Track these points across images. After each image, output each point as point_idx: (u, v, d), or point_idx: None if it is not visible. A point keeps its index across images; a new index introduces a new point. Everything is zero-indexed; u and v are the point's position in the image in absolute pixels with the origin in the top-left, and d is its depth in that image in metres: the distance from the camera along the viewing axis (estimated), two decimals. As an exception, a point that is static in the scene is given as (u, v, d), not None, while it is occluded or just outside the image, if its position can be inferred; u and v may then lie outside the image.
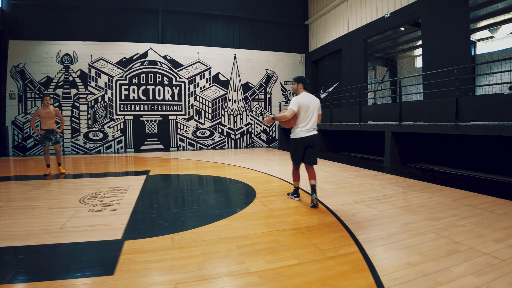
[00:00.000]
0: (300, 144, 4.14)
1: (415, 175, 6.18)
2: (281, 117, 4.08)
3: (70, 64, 12.67)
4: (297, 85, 4.23)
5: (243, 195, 4.78)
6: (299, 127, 4.11)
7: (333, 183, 5.53)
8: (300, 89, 4.22)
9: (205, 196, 4.81)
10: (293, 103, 4.06)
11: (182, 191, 5.30)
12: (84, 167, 8.46)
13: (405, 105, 7.22)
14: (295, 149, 4.20)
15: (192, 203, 4.39)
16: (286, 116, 4.02)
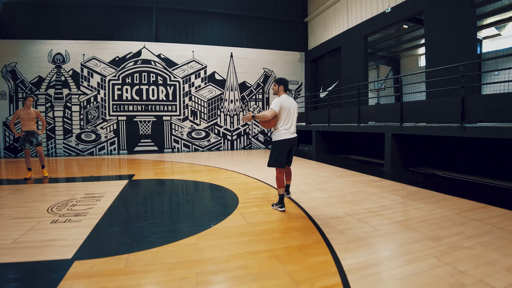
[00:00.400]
0: (286, 146, 4.08)
1: (416, 182, 5.67)
2: (261, 116, 3.98)
3: (62, 64, 12.32)
4: (278, 87, 4.21)
5: (224, 205, 4.31)
6: (283, 129, 4.06)
7: (326, 190, 5.05)
8: (281, 91, 4.21)
9: (181, 206, 4.36)
10: (275, 103, 4.01)
11: (159, 199, 4.85)
12: (69, 170, 8.06)
13: (407, 105, 6.71)
14: (281, 152, 4.05)
15: (164, 215, 3.94)
16: (266, 116, 3.96)
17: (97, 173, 7.47)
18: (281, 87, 4.20)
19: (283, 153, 4.05)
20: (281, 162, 4.03)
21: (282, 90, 4.20)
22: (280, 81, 4.22)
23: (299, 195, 4.77)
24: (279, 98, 4.07)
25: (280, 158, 4.03)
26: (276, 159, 4.04)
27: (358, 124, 8.10)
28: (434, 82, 7.20)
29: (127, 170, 7.78)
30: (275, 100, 4.05)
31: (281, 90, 4.20)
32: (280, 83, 4.21)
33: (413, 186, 5.22)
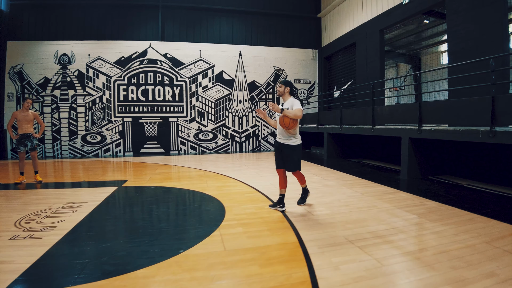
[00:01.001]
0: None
1: (436, 194, 4.90)
2: (293, 115, 3.84)
3: (68, 65, 12.13)
4: (284, 88, 4.15)
5: (205, 223, 3.72)
6: (298, 133, 4.15)
7: (329, 205, 4.37)
8: (287, 93, 4.15)
9: (157, 223, 3.80)
10: (299, 104, 3.97)
11: (137, 212, 4.32)
12: (64, 174, 7.72)
13: (426, 105, 5.91)
14: (300, 153, 4.20)
15: (134, 234, 3.38)
16: (298, 115, 3.85)
17: (90, 178, 7.08)
18: (287, 89, 4.14)
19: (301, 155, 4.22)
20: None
21: (288, 92, 4.15)
22: (288, 83, 4.17)
23: (296, 210, 4.13)
24: (298, 101, 4.05)
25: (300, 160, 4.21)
26: (299, 161, 4.15)
27: (372, 127, 7.34)
28: (457, 79, 6.38)
29: (121, 175, 7.34)
30: (297, 101, 4.02)
31: (287, 92, 4.14)
32: (287, 84, 4.16)
33: (432, 201, 4.47)
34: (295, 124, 3.95)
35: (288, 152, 4.05)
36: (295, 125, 3.97)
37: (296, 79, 13.71)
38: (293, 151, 4.04)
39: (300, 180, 4.34)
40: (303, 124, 11.77)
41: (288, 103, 4.05)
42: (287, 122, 3.90)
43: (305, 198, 4.46)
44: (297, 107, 3.90)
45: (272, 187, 5.58)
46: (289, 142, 4.04)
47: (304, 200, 4.45)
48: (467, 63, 5.46)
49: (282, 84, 4.16)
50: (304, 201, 4.44)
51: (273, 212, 4.03)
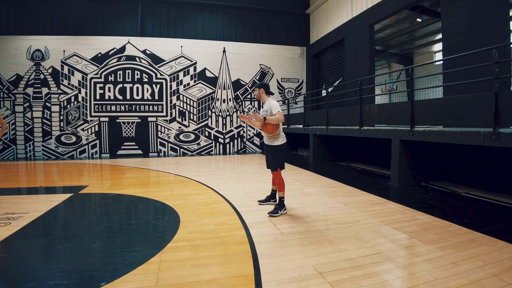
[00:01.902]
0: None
1: (431, 205, 4.26)
2: (275, 119, 3.80)
3: (41, 61, 11.35)
4: (259, 91, 4.14)
5: (148, 244, 3.01)
6: (282, 131, 4.11)
7: (304, 220, 3.70)
8: (262, 93, 4.13)
9: (91, 242, 3.08)
10: (277, 106, 3.93)
11: (76, 227, 3.59)
12: (25, 178, 6.98)
13: (419, 104, 5.27)
14: (284, 153, 4.12)
15: (55, 258, 2.66)
16: (280, 119, 3.81)
17: (49, 183, 6.37)
18: (262, 91, 4.11)
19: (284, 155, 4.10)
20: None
21: (264, 93, 4.11)
22: (260, 84, 4.14)
23: (263, 226, 3.45)
24: (274, 101, 4.02)
25: (284, 160, 4.09)
26: (283, 161, 4.04)
27: (360, 128, 6.70)
28: (453, 75, 5.78)
29: (85, 180, 6.60)
30: (274, 102, 3.98)
31: (262, 93, 4.11)
32: (261, 86, 4.13)
33: (426, 214, 3.81)
34: (277, 127, 3.91)
35: (271, 152, 4.04)
36: (277, 128, 3.92)
37: (283, 78, 13.05)
38: (275, 151, 4.01)
39: (278, 186, 4.00)
40: (289, 125, 11.10)
41: (266, 104, 4.02)
42: (270, 129, 3.86)
43: (278, 210, 3.88)
44: (276, 110, 3.84)
45: (245, 196, 4.90)
46: (272, 143, 4.02)
47: (276, 212, 3.87)
48: (465, 55, 4.83)
49: (256, 88, 4.17)
50: (277, 214, 3.84)
51: (235, 229, 3.35)
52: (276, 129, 3.89)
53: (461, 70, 5.24)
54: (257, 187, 5.51)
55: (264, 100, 4.11)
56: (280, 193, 3.98)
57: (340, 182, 5.96)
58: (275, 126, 3.85)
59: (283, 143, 4.01)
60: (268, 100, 4.06)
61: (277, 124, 3.86)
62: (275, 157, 3.99)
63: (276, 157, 3.98)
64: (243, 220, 3.65)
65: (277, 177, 3.98)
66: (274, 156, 3.99)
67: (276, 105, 3.92)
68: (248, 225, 3.47)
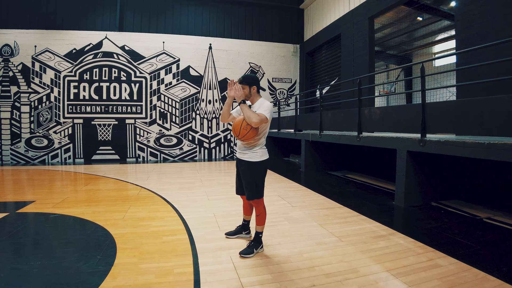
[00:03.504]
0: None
1: (451, 239, 3.27)
2: (247, 116, 2.64)
3: (10, 57, 10.32)
4: (250, 89, 2.84)
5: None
6: (264, 144, 2.92)
7: (281, 269, 2.69)
8: (254, 92, 2.87)
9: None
10: (267, 108, 2.73)
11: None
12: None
13: (432, 107, 4.29)
14: (265, 175, 2.93)
15: None
16: (253, 121, 2.62)
17: None
18: (254, 89, 2.84)
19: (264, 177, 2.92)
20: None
21: (256, 91, 2.87)
22: (250, 78, 2.84)
23: (222, 279, 2.44)
24: (269, 103, 2.78)
25: (264, 182, 2.93)
26: (262, 187, 2.88)
27: (358, 135, 5.72)
28: (470, 72, 4.82)
29: (34, 194, 5.56)
30: (267, 104, 2.77)
31: (254, 91, 2.85)
32: (253, 83, 2.83)
33: (448, 257, 2.82)
34: (252, 134, 2.72)
35: (244, 172, 2.84)
36: (255, 134, 2.75)
37: (274, 78, 12.07)
38: (249, 169, 2.81)
39: (257, 217, 2.94)
40: (280, 129, 10.11)
41: (256, 106, 2.83)
42: (237, 128, 2.72)
43: (253, 249, 2.88)
44: (263, 110, 2.69)
45: (213, 221, 3.89)
46: (246, 156, 2.83)
47: (251, 251, 2.87)
48: (487, 46, 3.83)
49: (244, 85, 2.81)
50: (251, 254, 2.84)
51: (181, 284, 2.34)
52: (254, 135, 2.73)
53: (478, 69, 4.29)
54: (232, 208, 4.50)
55: (254, 100, 2.87)
56: (258, 227, 2.94)
57: (334, 200, 4.95)
58: (252, 131, 2.68)
59: (263, 159, 2.83)
60: (260, 101, 2.83)
61: (253, 130, 2.69)
62: (250, 179, 2.80)
63: (251, 180, 2.80)
64: (198, 266, 2.64)
65: (259, 207, 2.89)
66: (249, 178, 2.80)
67: (267, 108, 2.72)
68: (202, 275, 2.46)
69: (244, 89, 2.81)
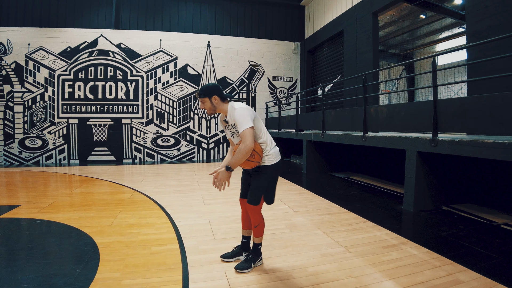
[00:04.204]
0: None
1: (469, 249, 2.97)
2: (241, 156, 2.30)
3: (4, 55, 10.07)
4: (211, 100, 2.46)
5: None
6: (272, 142, 2.56)
7: (284, 284, 2.40)
8: (217, 102, 2.46)
9: None
10: (244, 115, 2.34)
11: None
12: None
13: (444, 104, 3.98)
14: (277, 178, 2.63)
15: None
16: (247, 149, 2.29)
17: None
18: (215, 99, 2.46)
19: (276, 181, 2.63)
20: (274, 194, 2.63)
21: (218, 100, 2.47)
22: (208, 89, 2.46)
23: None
24: (238, 105, 2.41)
25: (275, 187, 2.61)
26: (273, 191, 2.57)
27: (364, 134, 5.41)
28: (482, 68, 4.52)
29: (20, 198, 5.27)
30: (238, 113, 2.35)
31: (216, 102, 2.46)
32: (209, 92, 2.45)
33: (469, 270, 2.52)
34: (259, 148, 2.42)
35: (256, 175, 2.54)
36: (259, 148, 2.44)
37: (275, 76, 11.77)
38: (263, 173, 2.51)
39: (255, 229, 2.57)
40: (280, 129, 9.80)
41: (230, 118, 2.47)
42: (251, 164, 2.44)
43: (251, 263, 2.55)
44: (242, 127, 2.31)
45: (208, 228, 3.59)
46: (265, 159, 2.52)
47: (249, 266, 2.54)
48: (505, 38, 3.52)
49: (203, 98, 2.45)
50: (248, 269, 2.52)
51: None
52: (259, 154, 2.41)
53: (491, 65, 4.00)
54: (229, 214, 4.20)
55: (223, 110, 2.50)
56: (256, 239, 2.60)
57: (339, 205, 4.64)
58: (252, 156, 2.37)
59: (276, 161, 2.52)
60: (230, 108, 2.46)
61: (256, 145, 2.41)
62: (260, 182, 2.49)
63: (260, 183, 2.49)
64: (188, 282, 2.34)
65: (255, 215, 2.52)
66: (259, 181, 2.50)
67: (240, 116, 2.34)
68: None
69: (205, 102, 2.47)
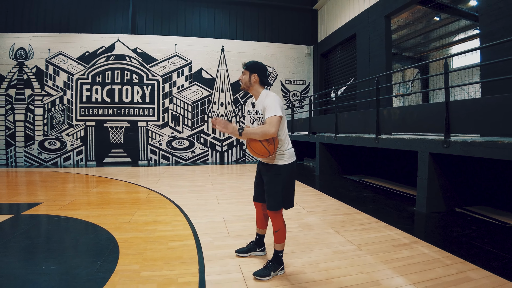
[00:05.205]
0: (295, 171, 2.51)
1: (481, 249, 2.98)
2: (260, 133, 2.21)
3: (25, 60, 10.45)
4: (250, 76, 2.39)
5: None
6: (288, 142, 2.45)
7: (294, 280, 2.46)
8: (256, 83, 2.41)
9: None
10: (276, 104, 2.26)
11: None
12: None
13: (456, 106, 4.00)
14: (294, 180, 2.51)
15: None
16: (268, 133, 2.19)
17: (1, 198, 5.30)
18: (255, 77, 2.38)
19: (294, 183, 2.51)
20: (293, 197, 2.50)
21: (258, 82, 2.40)
22: (254, 66, 2.39)
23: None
24: (273, 94, 2.34)
25: (292, 190, 2.47)
26: (290, 195, 2.45)
27: (377, 136, 5.44)
28: (496, 70, 4.51)
29: (42, 196, 5.48)
30: (270, 100, 2.27)
31: (255, 82, 2.39)
32: (254, 69, 2.38)
33: (480, 269, 2.54)
34: (275, 141, 2.28)
35: (268, 177, 2.42)
36: (275, 143, 2.29)
37: (288, 80, 11.86)
38: (275, 176, 2.37)
39: (276, 234, 2.45)
40: (293, 132, 9.87)
41: (259, 102, 2.38)
42: (260, 148, 2.26)
43: (271, 271, 2.39)
44: (271, 112, 2.22)
45: (222, 226, 3.69)
46: (271, 160, 2.41)
47: (268, 273, 2.38)
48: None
49: (245, 70, 2.41)
50: (268, 276, 2.36)
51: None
52: (275, 145, 2.29)
53: (505, 66, 3.99)
54: (243, 213, 4.29)
55: (255, 93, 2.43)
56: (277, 245, 2.45)
57: (352, 206, 4.68)
58: (268, 142, 2.25)
59: (290, 162, 2.41)
60: (263, 94, 2.39)
61: (276, 138, 2.30)
62: (275, 186, 2.37)
63: (276, 187, 2.36)
64: (204, 275, 2.43)
65: (276, 220, 2.41)
66: (274, 185, 2.37)
67: (273, 103, 2.26)
68: (208, 286, 2.26)
69: (245, 75, 2.42)
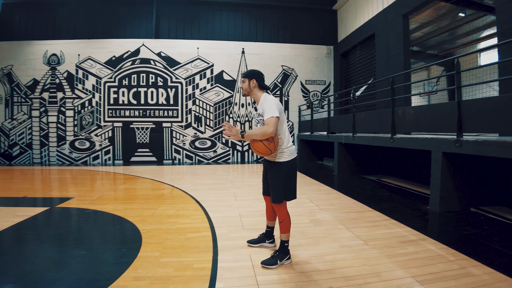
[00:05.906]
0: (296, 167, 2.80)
1: (489, 247, 3.03)
2: (259, 134, 2.48)
3: (57, 65, 11.17)
4: (249, 83, 2.76)
5: None
6: (289, 141, 2.72)
7: (300, 269, 2.61)
8: (255, 89, 2.77)
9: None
10: (273, 107, 2.55)
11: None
12: (17, 186, 6.54)
13: (469, 105, 4.02)
14: (295, 174, 2.78)
15: None
16: (267, 133, 2.46)
17: (36, 193, 5.89)
18: (254, 83, 2.74)
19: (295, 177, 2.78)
20: (295, 189, 2.76)
21: (256, 87, 2.75)
22: (252, 73, 2.76)
23: (237, 277, 2.44)
24: (271, 97, 2.66)
25: (295, 184, 2.75)
26: (291, 189, 2.70)
27: (392, 136, 5.49)
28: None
29: (73, 191, 5.93)
30: (268, 104, 2.58)
31: (254, 87, 2.75)
32: (252, 75, 2.75)
33: (484, 266, 2.60)
34: (274, 140, 2.55)
35: (271, 173, 2.71)
36: (275, 142, 2.56)
37: (308, 80, 11.95)
38: (277, 171, 2.66)
39: (281, 224, 2.70)
40: (313, 132, 9.97)
41: (260, 106, 2.72)
42: (261, 147, 2.53)
43: (277, 260, 2.61)
44: (268, 114, 2.51)
45: (237, 220, 3.91)
46: (273, 158, 2.69)
47: (275, 262, 2.60)
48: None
49: (244, 78, 2.77)
50: (275, 265, 2.58)
51: (197, 279, 2.37)
52: (275, 144, 2.54)
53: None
54: (258, 209, 4.50)
55: (256, 97, 2.75)
56: (283, 236, 2.68)
57: (365, 204, 4.78)
58: (268, 141, 2.50)
59: (290, 158, 2.66)
60: (262, 98, 2.69)
61: (275, 137, 2.56)
62: (277, 180, 2.64)
63: (278, 181, 2.63)
64: (217, 262, 2.66)
65: (280, 212, 2.67)
66: (276, 180, 2.64)
67: (270, 105, 2.54)
68: (220, 271, 2.48)
69: (244, 82, 2.77)
